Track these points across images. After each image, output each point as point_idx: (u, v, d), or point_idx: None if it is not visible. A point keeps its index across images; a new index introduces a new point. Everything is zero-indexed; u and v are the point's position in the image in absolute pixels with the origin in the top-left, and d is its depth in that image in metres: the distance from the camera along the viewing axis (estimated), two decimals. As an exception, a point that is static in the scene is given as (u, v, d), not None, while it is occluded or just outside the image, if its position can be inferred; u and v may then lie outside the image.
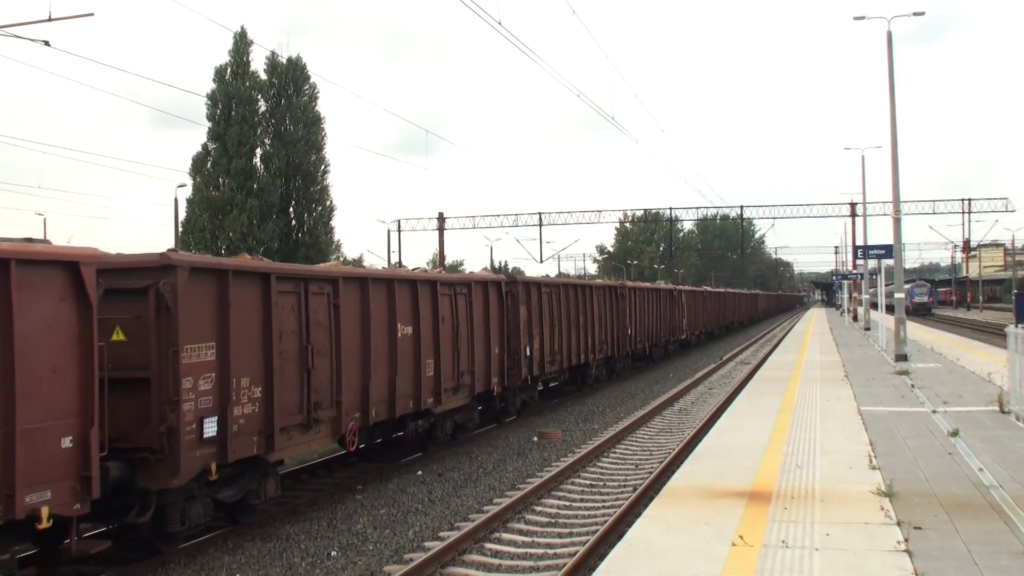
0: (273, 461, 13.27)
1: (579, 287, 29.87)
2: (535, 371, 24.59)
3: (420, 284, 17.75)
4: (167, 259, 11.17)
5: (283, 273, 13.48)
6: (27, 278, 9.14)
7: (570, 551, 11.72)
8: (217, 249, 51.48)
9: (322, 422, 14.21)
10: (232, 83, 54.00)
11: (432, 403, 18.05)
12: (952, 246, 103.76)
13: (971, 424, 15.83)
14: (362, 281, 15.65)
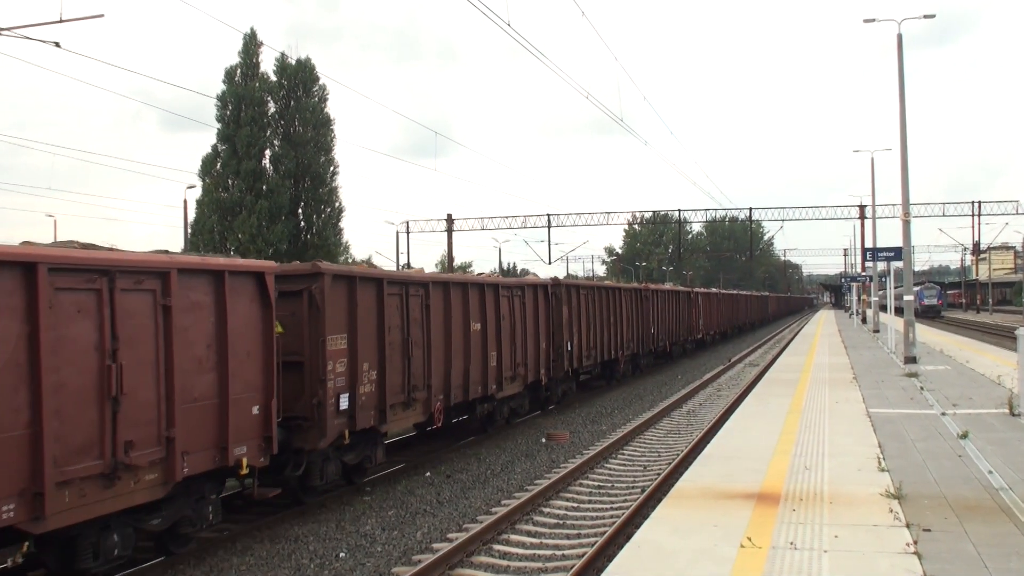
0: (384, 432, 16.17)
1: (611, 289, 32.73)
2: (575, 364, 27.48)
3: (487, 287, 20.77)
4: (317, 268, 14.09)
5: (391, 279, 16.52)
6: (233, 285, 11.94)
7: (578, 552, 11.72)
8: (226, 251, 51.60)
9: (417, 401, 17.18)
10: (242, 84, 54.18)
11: (495, 389, 21.04)
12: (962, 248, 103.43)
13: (981, 426, 15.78)
14: (445, 285, 18.70)
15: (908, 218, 29.86)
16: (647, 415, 24.62)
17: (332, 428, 14.05)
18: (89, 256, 9.94)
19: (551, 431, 21.85)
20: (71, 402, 9.49)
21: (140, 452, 10.32)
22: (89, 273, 9.82)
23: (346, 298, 14.68)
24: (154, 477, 10.62)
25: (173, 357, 10.82)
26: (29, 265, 9.06)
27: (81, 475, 9.57)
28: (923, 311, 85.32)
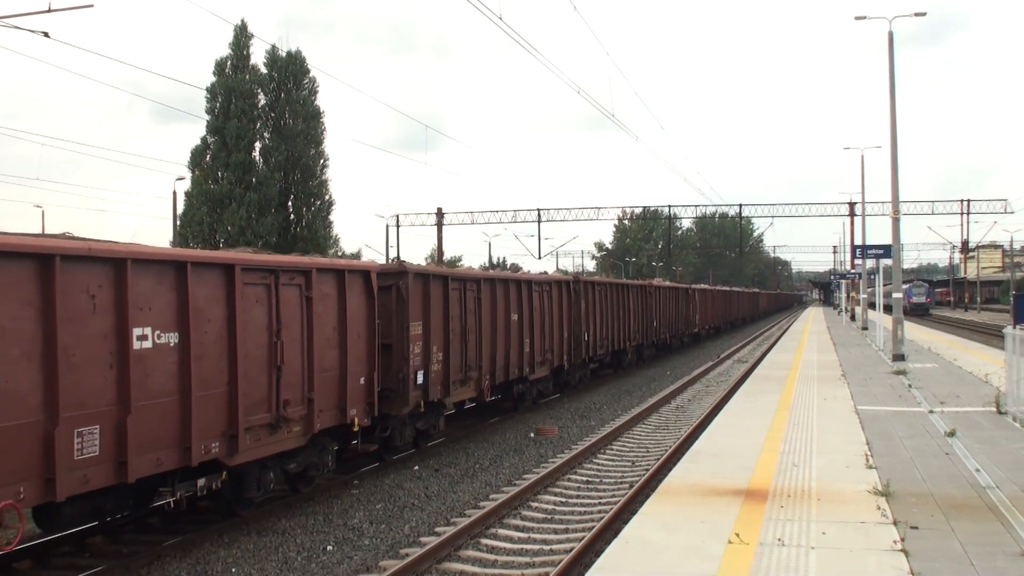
0: (446, 404, 19.33)
1: (621, 286, 35.98)
2: (591, 353, 30.53)
3: (523, 283, 24.03)
4: (403, 267, 17.30)
5: (454, 276, 19.54)
6: (350, 281, 14.91)
7: (566, 547, 11.72)
8: (215, 243, 51.45)
9: (472, 379, 20.32)
10: (232, 76, 53.96)
11: (528, 372, 24.15)
12: (950, 247, 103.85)
13: (968, 425, 15.84)
14: (492, 281, 21.90)
15: (897, 216, 29.94)
16: (636, 410, 24.64)
17: (412, 398, 17.13)
18: (264, 259, 13.04)
19: (540, 426, 21.87)
20: (252, 368, 12.44)
21: (292, 408, 13.25)
22: (263, 272, 12.79)
23: (422, 293, 17.75)
24: (299, 429, 13.52)
25: (313, 336, 13.74)
26: (229, 267, 12.00)
27: (257, 424, 12.53)
28: (911, 309, 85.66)
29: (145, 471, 10.56)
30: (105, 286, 10.10)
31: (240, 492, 12.87)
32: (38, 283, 9.30)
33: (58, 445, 9.32)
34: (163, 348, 10.86)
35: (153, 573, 11.09)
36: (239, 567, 11.33)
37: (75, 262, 9.74)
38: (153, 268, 10.80)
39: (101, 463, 9.94)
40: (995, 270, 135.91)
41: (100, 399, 9.97)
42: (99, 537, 12.31)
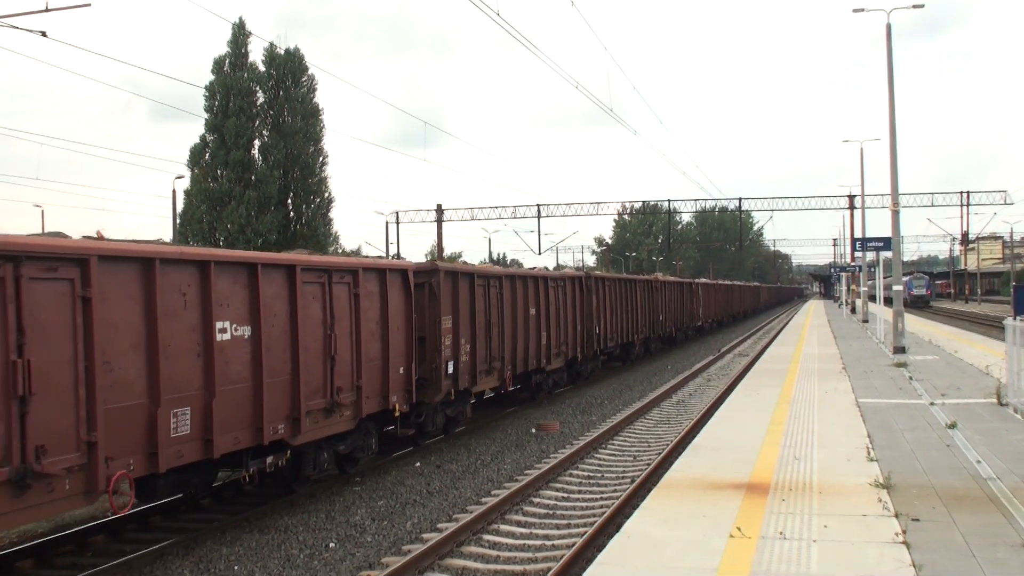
0: (473, 393, 20.71)
1: (629, 281, 37.69)
2: (602, 345, 32.02)
3: (539, 280, 25.26)
4: (435, 266, 18.73)
5: (480, 273, 21.02)
6: (391, 279, 16.30)
7: (568, 543, 11.73)
8: (215, 241, 51.45)
9: (495, 370, 21.61)
10: (230, 75, 53.97)
11: (545, 363, 25.52)
12: (950, 239, 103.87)
13: (969, 416, 15.83)
14: (512, 278, 23.23)
15: (897, 208, 29.91)
16: (637, 405, 24.65)
17: (443, 387, 18.39)
18: (319, 260, 14.61)
19: (541, 421, 21.88)
20: (311, 359, 13.76)
21: (344, 395, 14.63)
22: (318, 272, 14.12)
23: (451, 289, 19.02)
24: (349, 413, 14.95)
25: (360, 330, 15.16)
26: (291, 267, 13.34)
27: (315, 408, 13.86)
28: (912, 301, 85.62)
29: (226, 448, 11.93)
30: (193, 285, 11.48)
31: (299, 471, 14.29)
32: (141, 283, 10.66)
33: (159, 424, 10.71)
34: (239, 340, 12.28)
35: (155, 571, 11.11)
36: (241, 565, 11.34)
37: (170, 264, 11.07)
38: (230, 269, 12.21)
39: (192, 440, 11.34)
40: (995, 261, 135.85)
41: (190, 384, 11.35)
42: (101, 536, 12.33)
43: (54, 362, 9.38)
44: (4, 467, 8.81)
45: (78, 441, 9.63)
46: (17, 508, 9.04)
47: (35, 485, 9.12)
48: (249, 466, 12.92)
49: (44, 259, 9.39)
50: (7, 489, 8.86)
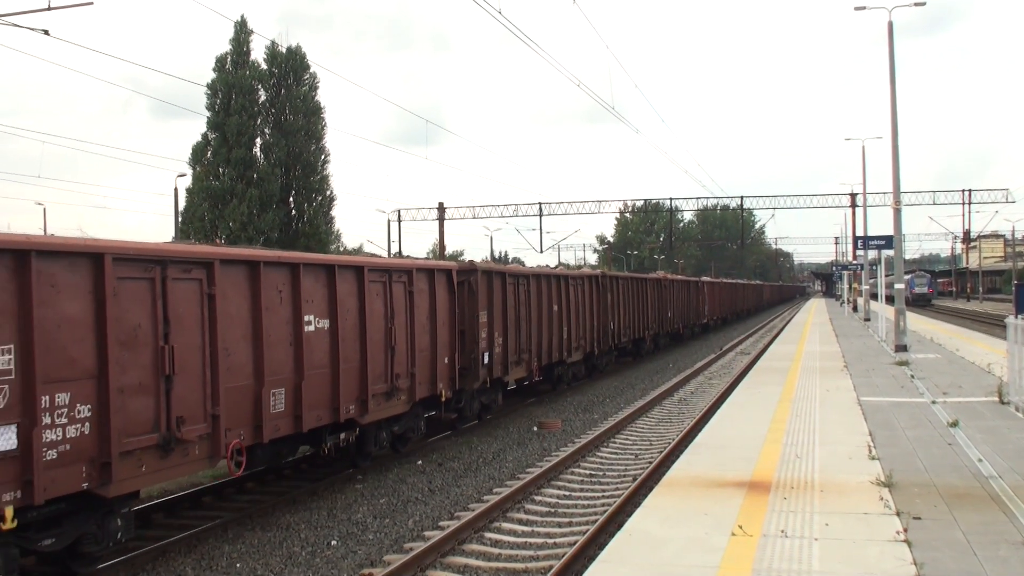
0: (505, 381, 22.65)
1: (640, 280, 39.48)
2: (615, 340, 33.86)
3: (562, 278, 27.24)
4: (473, 266, 20.63)
5: (511, 272, 23.03)
6: (438, 278, 18.34)
7: (570, 541, 11.74)
8: (217, 239, 51.42)
9: (524, 361, 23.44)
10: (232, 72, 53.88)
11: (566, 356, 27.28)
12: (952, 237, 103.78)
13: (970, 415, 15.84)
14: (539, 277, 25.12)
15: (899, 206, 29.93)
16: (639, 403, 24.66)
17: (481, 375, 20.30)
18: (382, 262, 17.25)
19: (543, 419, 21.89)
20: (375, 348, 15.56)
21: (401, 381, 16.49)
22: (381, 272, 16.10)
23: (487, 287, 20.92)
24: (404, 398, 16.77)
25: (414, 323, 17.03)
26: (359, 268, 15.26)
27: (378, 392, 15.71)
28: (914, 299, 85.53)
29: (312, 424, 13.72)
30: (286, 284, 13.30)
31: (362, 447, 16.01)
32: (249, 283, 12.47)
33: (263, 402, 12.59)
34: (321, 331, 14.10)
35: (158, 568, 11.14)
36: (244, 562, 11.36)
37: (270, 266, 12.90)
38: (314, 270, 14.06)
39: (285, 416, 13.15)
40: (997, 260, 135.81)
41: (284, 368, 13.15)
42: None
43: (189, 348, 11.19)
44: (154, 433, 10.62)
45: (205, 414, 11.47)
46: (163, 468, 10.86)
47: (176, 449, 10.92)
48: (327, 441, 14.71)
49: (182, 263, 11.22)
50: (156, 452, 10.66)
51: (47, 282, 9.39)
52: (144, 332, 10.60)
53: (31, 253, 9.17)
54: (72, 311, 9.70)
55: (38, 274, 9.24)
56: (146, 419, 10.55)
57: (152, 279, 10.74)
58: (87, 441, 9.73)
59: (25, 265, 9.13)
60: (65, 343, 9.56)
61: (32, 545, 9.75)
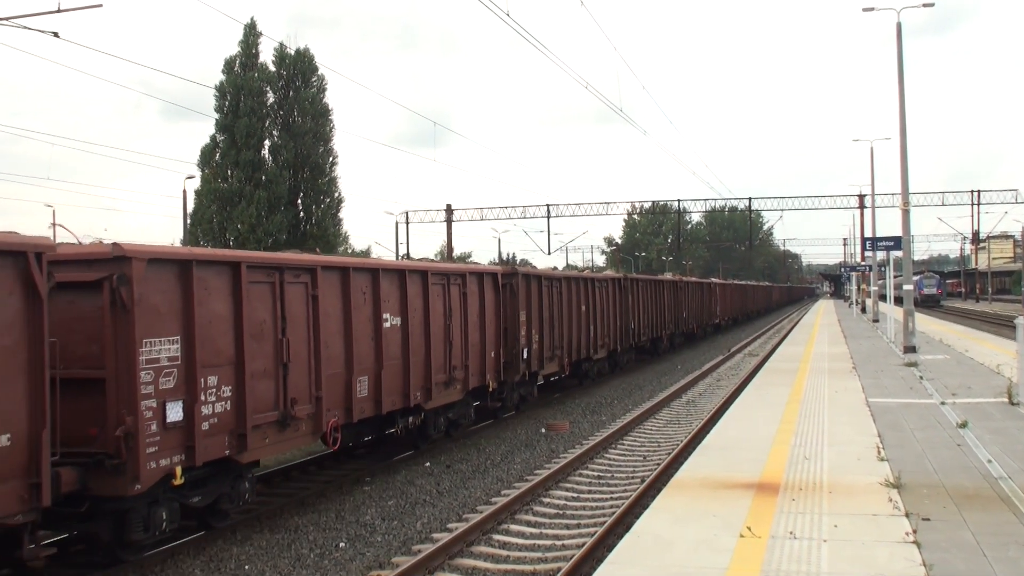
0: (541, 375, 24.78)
1: (657, 282, 41.45)
2: (636, 339, 35.81)
3: (588, 280, 29.40)
4: (515, 270, 22.84)
5: (545, 276, 25.12)
6: (486, 280, 20.48)
7: (578, 543, 11.73)
8: (225, 241, 51.53)
9: (556, 357, 25.42)
10: (241, 75, 54.06)
11: (592, 353, 29.23)
12: (961, 238, 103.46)
13: (980, 416, 15.80)
14: (569, 279, 27.32)
15: (907, 207, 29.82)
16: (647, 405, 24.64)
17: (521, 368, 22.26)
18: (443, 266, 19.41)
19: (551, 421, 21.89)
20: (436, 343, 17.74)
21: (457, 372, 18.68)
22: (441, 275, 18.24)
23: (526, 289, 22.83)
24: (459, 387, 18.93)
25: (467, 321, 19.20)
26: (424, 272, 17.50)
27: (439, 381, 17.84)
28: (923, 300, 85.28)
29: (388, 408, 15.88)
30: (368, 287, 15.43)
31: (423, 430, 17.85)
32: (341, 286, 14.54)
33: (352, 387, 14.65)
34: (394, 327, 16.23)
35: (167, 571, 11.15)
36: (252, 564, 11.37)
37: (357, 271, 15.04)
38: (389, 274, 16.28)
39: (368, 400, 15.30)
40: (1006, 260, 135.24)
41: (367, 359, 15.30)
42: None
43: (299, 341, 13.25)
44: (275, 411, 12.68)
45: (311, 396, 13.53)
46: (280, 440, 12.98)
47: (290, 425, 13.00)
48: (399, 423, 16.78)
49: (294, 269, 13.34)
50: (276, 427, 12.72)
51: (203, 286, 11.44)
52: (267, 327, 12.69)
53: (192, 262, 11.29)
54: (219, 309, 11.76)
55: (198, 280, 11.31)
56: (269, 399, 12.66)
57: (272, 283, 12.86)
58: (229, 416, 11.84)
59: (188, 272, 11.21)
60: (215, 335, 11.62)
61: (186, 501, 11.54)
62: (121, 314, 10.35)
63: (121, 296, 10.33)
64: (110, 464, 10.14)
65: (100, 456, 10.17)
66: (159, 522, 10.93)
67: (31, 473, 9.16)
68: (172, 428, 10.81)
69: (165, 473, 10.76)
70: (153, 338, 10.64)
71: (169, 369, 10.85)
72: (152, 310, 10.67)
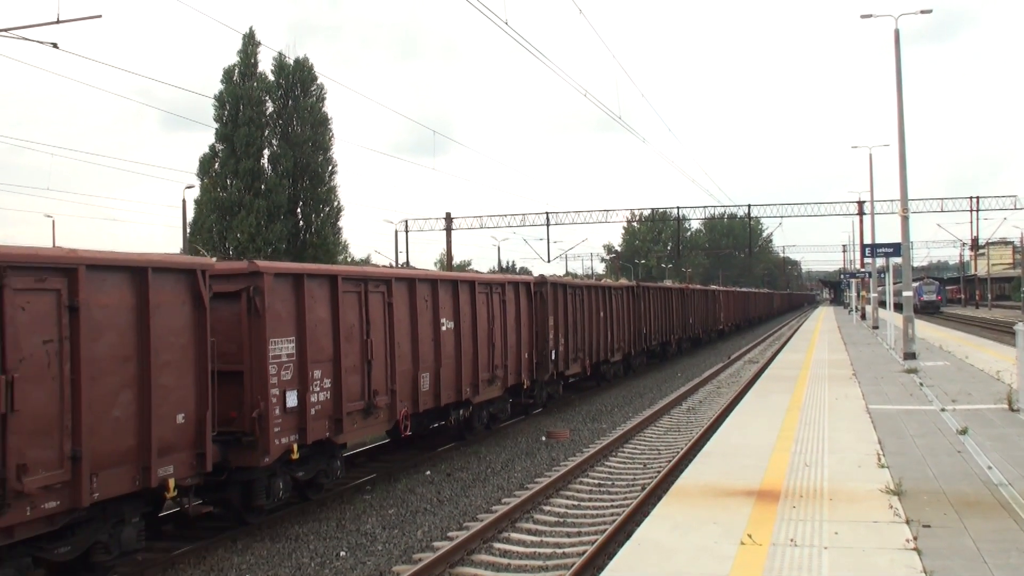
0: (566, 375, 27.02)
1: (667, 289, 43.74)
2: (647, 344, 38.00)
3: (605, 288, 31.75)
4: (544, 279, 25.20)
5: (570, 284, 27.73)
6: (521, 289, 23.06)
7: (579, 550, 11.73)
8: (225, 250, 51.54)
9: (579, 359, 27.70)
10: (240, 84, 54.13)
11: (609, 356, 31.48)
12: (960, 244, 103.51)
13: (980, 422, 15.80)
14: (589, 287, 29.71)
15: (907, 214, 29.86)
16: (647, 412, 24.63)
17: (550, 368, 24.63)
18: (487, 277, 21.88)
19: (551, 429, 21.88)
20: (482, 345, 20.06)
21: (498, 371, 21.04)
22: (486, 285, 20.70)
23: (554, 296, 25.19)
24: (499, 384, 21.19)
25: (506, 325, 21.62)
26: (472, 282, 20.02)
27: (484, 379, 20.17)
28: (922, 307, 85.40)
29: (445, 401, 18.20)
30: (429, 295, 17.70)
31: (469, 423, 19.99)
32: (408, 294, 16.84)
33: (418, 382, 17.01)
34: (449, 331, 18.49)
35: (167, 580, 11.14)
36: (253, 573, 11.37)
37: (421, 282, 17.39)
38: (445, 284, 18.63)
39: (430, 394, 17.61)
40: (1006, 267, 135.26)
41: (429, 358, 17.57)
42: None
43: (378, 342, 15.50)
44: (361, 401, 14.93)
45: (387, 389, 15.80)
46: (364, 426, 15.25)
47: (372, 413, 15.23)
48: (452, 414, 18.96)
49: (374, 280, 15.71)
50: (361, 414, 14.92)
51: (310, 295, 13.61)
52: (355, 329, 14.90)
53: (304, 276, 13.55)
54: (321, 315, 13.98)
55: (307, 290, 13.52)
56: (357, 391, 14.87)
57: (359, 292, 15.08)
58: (329, 404, 14.02)
59: (300, 284, 13.45)
60: (319, 336, 13.81)
61: (294, 474, 13.63)
62: (255, 319, 12.56)
63: (255, 304, 12.53)
64: (246, 440, 12.40)
65: (238, 434, 12.42)
66: (277, 491, 13.10)
67: (198, 445, 11.37)
68: (290, 412, 13.01)
69: (285, 449, 12.92)
70: (277, 338, 12.85)
71: (287, 364, 13.03)
72: (276, 315, 12.85)
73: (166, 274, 11.00)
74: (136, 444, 10.43)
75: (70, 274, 9.62)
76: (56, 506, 9.41)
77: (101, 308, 10.01)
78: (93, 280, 9.89)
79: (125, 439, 10.27)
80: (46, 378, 9.29)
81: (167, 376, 10.88)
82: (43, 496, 9.23)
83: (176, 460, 10.98)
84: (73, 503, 9.57)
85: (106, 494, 9.99)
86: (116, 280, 10.30)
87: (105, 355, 10.05)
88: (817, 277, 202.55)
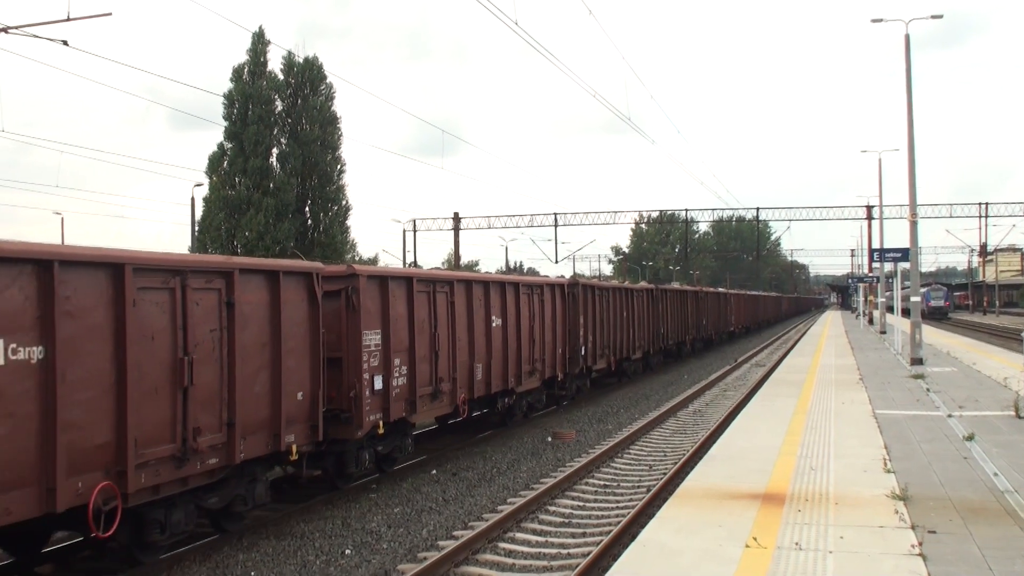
0: (594, 370, 29.42)
1: (683, 292, 46.14)
2: (664, 343, 40.36)
3: (628, 290, 34.06)
4: (576, 280, 27.59)
5: (600, 287, 30.07)
6: (557, 290, 25.31)
7: (583, 551, 11.74)
8: (233, 248, 51.61)
9: (605, 355, 29.90)
10: (249, 83, 54.15)
11: (631, 354, 33.72)
12: (969, 250, 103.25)
13: (987, 429, 15.77)
14: (615, 289, 32.10)
15: (915, 219, 29.80)
16: (653, 414, 24.62)
17: (580, 363, 26.69)
18: (528, 279, 24.38)
19: (557, 430, 21.88)
20: (523, 340, 22.20)
21: (536, 364, 23.25)
22: (527, 286, 22.97)
23: (584, 297, 27.44)
24: (538, 376, 23.42)
25: (544, 323, 23.79)
26: (516, 284, 22.20)
27: (525, 371, 22.27)
28: (930, 312, 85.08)
29: (495, 389, 20.58)
30: (482, 295, 19.89)
31: (511, 411, 22.34)
32: (466, 294, 19.01)
33: (473, 372, 19.27)
34: (498, 327, 20.69)
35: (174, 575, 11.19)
36: (258, 571, 11.40)
37: (476, 283, 19.81)
38: (495, 286, 20.84)
39: (482, 383, 19.86)
40: (1014, 273, 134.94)
41: (481, 351, 19.73)
42: (117, 543, 12.38)
43: (443, 335, 17.78)
44: (430, 386, 17.10)
45: (449, 376, 18.02)
46: (431, 408, 17.41)
47: (438, 398, 17.49)
48: (498, 401, 21.33)
49: (441, 282, 18.03)
50: (429, 398, 17.11)
51: (392, 294, 15.82)
52: (425, 324, 17.06)
53: (388, 278, 15.87)
54: (400, 311, 16.19)
55: (391, 290, 15.78)
56: (426, 377, 17.07)
57: (428, 292, 17.28)
58: (406, 388, 16.29)
59: (385, 284, 15.71)
60: (398, 329, 16.05)
61: (375, 448, 15.83)
62: (352, 314, 14.82)
63: (353, 301, 14.76)
64: (344, 417, 14.60)
65: (337, 411, 14.53)
66: (364, 461, 15.35)
67: (312, 418, 13.49)
68: (376, 394, 15.21)
69: (373, 425, 15.11)
70: (368, 331, 15.06)
71: (375, 352, 15.22)
72: (367, 311, 15.06)
73: (292, 276, 13.22)
74: (269, 415, 12.58)
75: (227, 276, 11.82)
76: (216, 462, 11.50)
77: (247, 304, 12.21)
78: (243, 281, 12.07)
79: (262, 410, 12.43)
80: (211, 359, 11.47)
81: (291, 360, 13.00)
82: (208, 453, 11.34)
83: (296, 430, 13.09)
84: (228, 460, 11.70)
85: (249, 455, 12.15)
86: (258, 281, 12.57)
87: (250, 342, 12.22)
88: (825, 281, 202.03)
